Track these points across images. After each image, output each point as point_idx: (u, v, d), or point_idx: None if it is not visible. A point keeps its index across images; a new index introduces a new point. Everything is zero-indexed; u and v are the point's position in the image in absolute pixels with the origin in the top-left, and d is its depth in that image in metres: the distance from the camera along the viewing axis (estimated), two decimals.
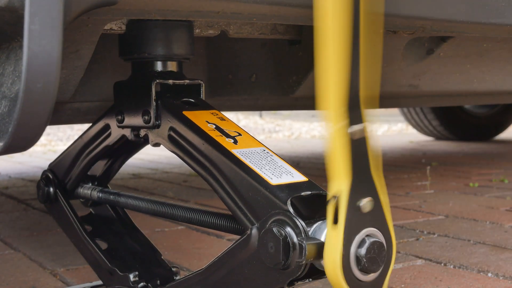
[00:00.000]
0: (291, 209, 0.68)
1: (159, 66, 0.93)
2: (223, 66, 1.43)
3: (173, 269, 0.99)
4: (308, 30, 1.23)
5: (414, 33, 1.15)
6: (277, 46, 1.34)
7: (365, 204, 0.65)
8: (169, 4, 0.75)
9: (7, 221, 1.80)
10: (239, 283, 0.74)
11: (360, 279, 0.65)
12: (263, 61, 1.37)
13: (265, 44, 1.37)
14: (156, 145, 0.89)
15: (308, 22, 0.89)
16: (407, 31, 1.11)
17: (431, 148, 4.00)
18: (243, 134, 0.84)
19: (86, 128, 1.02)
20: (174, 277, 0.98)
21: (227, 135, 0.82)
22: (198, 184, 2.49)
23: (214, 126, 0.84)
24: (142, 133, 0.91)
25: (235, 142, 0.81)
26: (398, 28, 0.99)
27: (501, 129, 4.45)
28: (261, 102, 1.62)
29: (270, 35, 1.18)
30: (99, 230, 1.07)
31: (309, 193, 0.72)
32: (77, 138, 1.04)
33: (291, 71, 1.31)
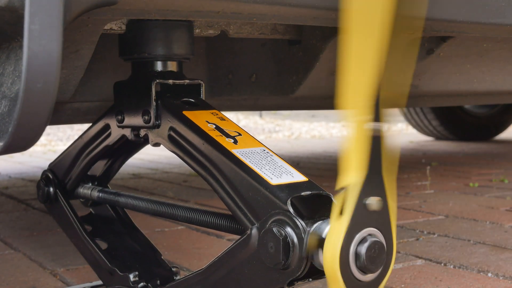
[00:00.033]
0: (291, 209, 0.68)
1: (159, 66, 0.93)
2: (223, 66, 1.43)
3: (173, 269, 0.99)
4: (308, 30, 1.23)
5: (414, 33, 1.14)
6: (277, 46, 1.34)
7: (372, 203, 0.64)
8: (169, 4, 0.74)
9: (7, 221, 1.80)
10: (239, 283, 0.74)
11: (357, 278, 0.64)
12: (263, 61, 1.37)
13: (265, 44, 1.37)
14: (156, 145, 0.89)
15: (308, 22, 0.89)
16: (407, 31, 1.10)
17: (431, 148, 4.00)
18: (243, 134, 0.84)
19: (86, 128, 1.02)
20: (174, 277, 0.98)
21: (227, 135, 0.82)
22: (198, 184, 2.49)
23: (214, 126, 0.84)
24: (142, 133, 0.91)
25: (235, 142, 0.81)
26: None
27: (501, 129, 4.45)
28: (261, 102, 1.62)
29: (270, 35, 1.18)
30: (99, 230, 1.07)
31: (309, 193, 0.71)
32: (77, 138, 1.04)
33: (291, 71, 1.31)
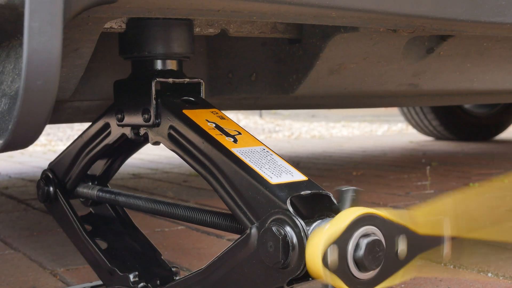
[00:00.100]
0: (290, 208, 0.68)
1: (159, 65, 0.93)
2: (223, 65, 1.43)
3: (173, 269, 0.99)
4: (308, 29, 1.23)
5: (414, 32, 1.14)
6: (277, 45, 1.34)
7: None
8: (169, 2, 0.74)
9: (7, 221, 1.80)
10: (238, 282, 0.74)
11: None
12: (263, 60, 1.37)
13: (265, 43, 1.36)
14: (156, 143, 0.89)
15: (308, 20, 0.88)
16: (407, 30, 1.10)
17: (431, 148, 3.99)
18: (243, 133, 0.83)
19: (85, 128, 1.02)
20: (174, 277, 0.98)
21: (227, 134, 0.82)
22: (198, 184, 2.48)
23: (214, 125, 0.83)
24: (142, 131, 0.91)
25: (235, 141, 0.80)
26: (398, 27, 0.99)
27: (501, 129, 4.44)
28: (261, 101, 1.62)
29: (270, 34, 1.18)
30: (99, 230, 1.07)
31: (309, 192, 0.71)
32: (77, 137, 1.03)
33: (291, 70, 1.31)
